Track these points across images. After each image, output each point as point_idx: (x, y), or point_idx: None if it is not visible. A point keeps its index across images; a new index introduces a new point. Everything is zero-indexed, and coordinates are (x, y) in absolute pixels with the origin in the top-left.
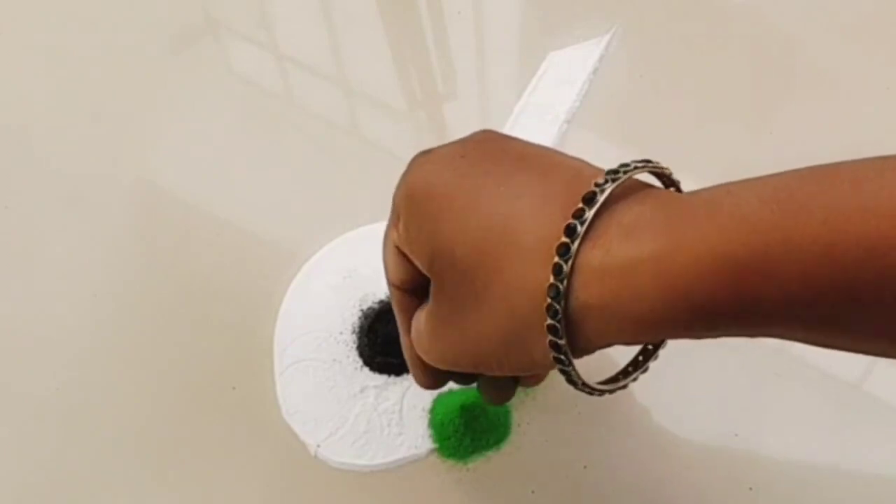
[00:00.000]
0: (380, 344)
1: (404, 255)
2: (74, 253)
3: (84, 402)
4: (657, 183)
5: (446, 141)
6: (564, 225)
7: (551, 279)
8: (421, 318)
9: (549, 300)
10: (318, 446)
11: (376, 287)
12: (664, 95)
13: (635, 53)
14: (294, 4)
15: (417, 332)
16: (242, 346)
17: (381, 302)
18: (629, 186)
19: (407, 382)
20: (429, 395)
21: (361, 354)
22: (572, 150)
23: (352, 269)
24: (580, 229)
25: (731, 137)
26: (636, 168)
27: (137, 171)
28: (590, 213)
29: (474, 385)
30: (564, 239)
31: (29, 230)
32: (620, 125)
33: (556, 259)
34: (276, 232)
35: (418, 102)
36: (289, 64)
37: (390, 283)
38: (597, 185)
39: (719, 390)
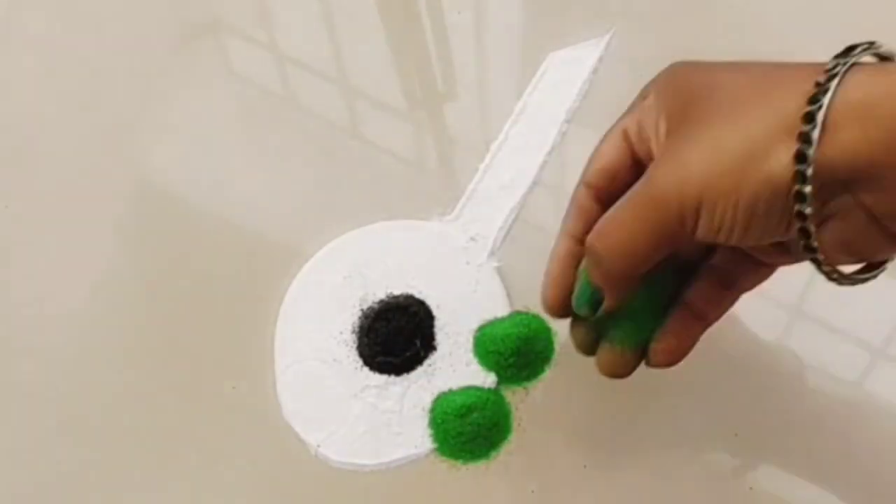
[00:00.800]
0: (380, 344)
1: (627, 144)
2: (74, 251)
3: (83, 401)
4: None
5: (446, 142)
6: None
7: (813, 87)
8: (620, 201)
9: (808, 105)
10: (318, 446)
11: (376, 287)
12: None
13: (635, 54)
14: (294, 4)
15: (615, 212)
16: (243, 346)
17: (381, 302)
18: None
19: (407, 382)
20: (429, 395)
21: (361, 354)
22: (572, 149)
23: (352, 268)
24: (840, 69)
25: None
26: (856, 55)
27: (138, 170)
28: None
29: (478, 384)
30: (829, 64)
31: (29, 228)
32: None
33: (825, 74)
34: (277, 231)
35: (418, 102)
36: (289, 64)
37: (586, 180)
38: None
39: (719, 390)
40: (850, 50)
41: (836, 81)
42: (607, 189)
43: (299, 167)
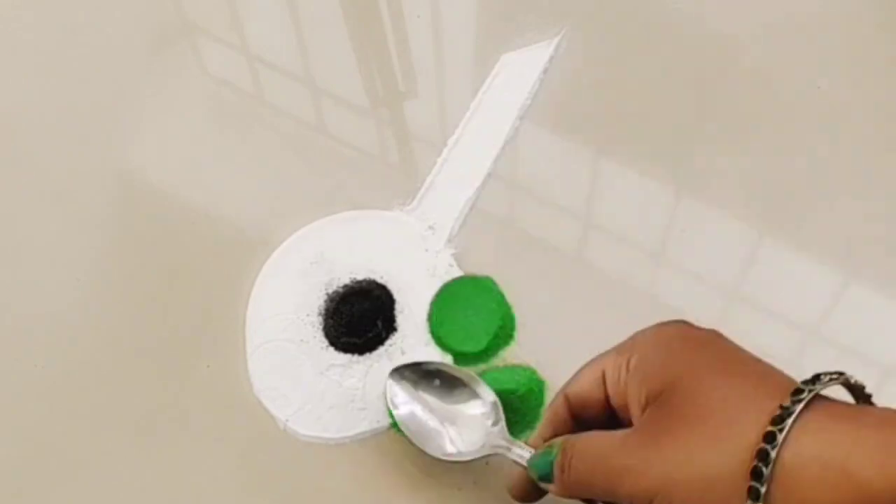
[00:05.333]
0: (344, 325)
1: (603, 385)
2: (59, 241)
3: (66, 381)
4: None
5: (406, 137)
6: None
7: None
8: (602, 440)
9: (755, 459)
10: (287, 420)
11: (341, 272)
12: (608, 94)
13: (581, 56)
14: (264, 8)
15: (587, 451)
16: (216, 328)
17: (345, 286)
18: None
19: (369, 361)
20: None
21: (327, 335)
22: (524, 143)
23: (318, 255)
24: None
25: (674, 134)
26: (823, 383)
27: (118, 165)
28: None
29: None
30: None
31: (15, 221)
32: (567, 121)
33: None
34: (249, 221)
35: (380, 100)
36: (259, 64)
37: (566, 391)
38: (792, 398)
39: None
40: (816, 378)
41: (785, 431)
42: (579, 412)
43: (270, 161)
